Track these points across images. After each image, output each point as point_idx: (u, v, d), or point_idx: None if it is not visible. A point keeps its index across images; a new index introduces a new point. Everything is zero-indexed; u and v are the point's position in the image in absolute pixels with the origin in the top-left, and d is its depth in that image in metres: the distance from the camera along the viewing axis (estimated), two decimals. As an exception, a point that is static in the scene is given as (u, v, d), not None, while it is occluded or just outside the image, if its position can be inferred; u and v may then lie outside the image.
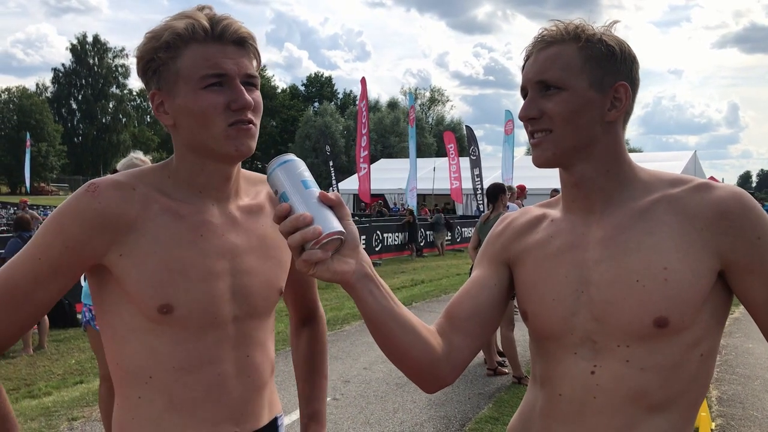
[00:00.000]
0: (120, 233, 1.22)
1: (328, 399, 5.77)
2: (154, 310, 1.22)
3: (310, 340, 1.69)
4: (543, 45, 1.22)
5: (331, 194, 1.07)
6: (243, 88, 1.24)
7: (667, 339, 1.15)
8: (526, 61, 1.26)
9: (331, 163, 30.95)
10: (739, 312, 9.01)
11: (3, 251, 8.00)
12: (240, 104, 1.23)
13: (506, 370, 6.49)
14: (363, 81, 26.31)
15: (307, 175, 1.08)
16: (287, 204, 1.04)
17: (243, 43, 1.26)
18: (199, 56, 1.22)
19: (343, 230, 1.05)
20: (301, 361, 1.69)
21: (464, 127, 29.51)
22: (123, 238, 1.22)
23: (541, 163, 1.24)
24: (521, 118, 1.24)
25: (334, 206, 1.06)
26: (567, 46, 1.20)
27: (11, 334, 1.22)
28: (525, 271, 1.31)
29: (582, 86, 1.19)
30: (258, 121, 1.29)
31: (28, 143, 46.51)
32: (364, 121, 25.51)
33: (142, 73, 1.27)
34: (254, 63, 1.29)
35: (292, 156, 1.11)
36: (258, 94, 1.29)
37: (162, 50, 1.22)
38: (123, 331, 1.26)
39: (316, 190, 1.06)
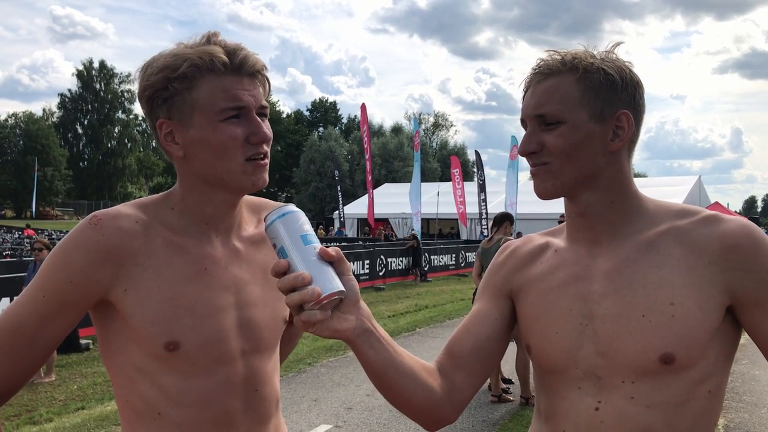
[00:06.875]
0: (124, 266, 1.19)
1: (329, 426, 5.68)
2: (160, 347, 1.19)
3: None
4: (540, 77, 1.19)
5: (331, 249, 1.04)
6: (260, 120, 1.24)
7: (673, 376, 1.12)
8: (525, 93, 1.23)
9: (339, 187, 31.10)
10: (745, 338, 8.86)
11: (26, 274, 7.99)
12: (260, 137, 1.22)
13: (511, 398, 6.42)
14: (363, 108, 26.52)
15: (308, 228, 1.06)
16: (286, 261, 1.02)
17: (257, 74, 1.25)
18: (217, 88, 1.20)
19: (343, 289, 1.03)
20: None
21: (471, 152, 29.69)
22: (127, 271, 1.19)
23: (540, 193, 1.22)
24: (521, 153, 1.22)
25: (334, 262, 1.04)
26: (564, 77, 1.17)
27: (18, 376, 1.19)
28: (528, 303, 1.28)
29: (581, 118, 1.16)
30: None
31: (36, 169, 46.80)
32: (366, 146, 25.66)
33: (148, 100, 1.23)
34: (266, 92, 1.29)
35: (292, 207, 1.08)
36: (268, 123, 1.28)
37: (177, 81, 1.20)
38: (131, 371, 1.23)
39: (316, 245, 1.04)
